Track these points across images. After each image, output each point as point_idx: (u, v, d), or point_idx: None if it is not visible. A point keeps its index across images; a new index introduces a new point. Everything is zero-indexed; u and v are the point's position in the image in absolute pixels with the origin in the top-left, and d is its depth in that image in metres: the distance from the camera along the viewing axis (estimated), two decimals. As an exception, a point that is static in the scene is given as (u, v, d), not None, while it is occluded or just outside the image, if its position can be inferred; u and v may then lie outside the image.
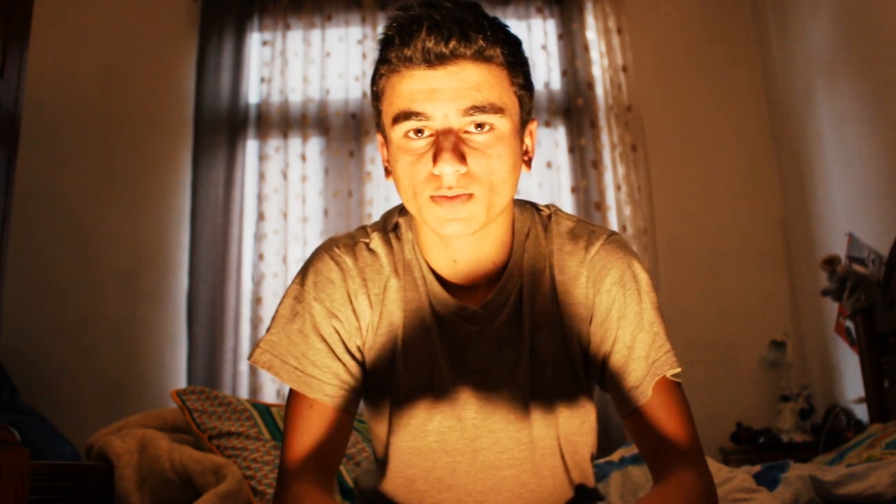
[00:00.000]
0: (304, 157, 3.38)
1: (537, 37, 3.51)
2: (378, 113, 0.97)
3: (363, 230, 1.06)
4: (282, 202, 3.33)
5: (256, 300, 3.22)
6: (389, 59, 0.91)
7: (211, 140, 3.39)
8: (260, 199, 3.34)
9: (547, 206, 1.09)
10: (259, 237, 3.30)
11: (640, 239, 3.28)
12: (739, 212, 3.42)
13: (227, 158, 3.38)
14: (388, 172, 0.99)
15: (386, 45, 0.92)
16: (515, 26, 3.52)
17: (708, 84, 3.53)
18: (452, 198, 0.89)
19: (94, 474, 1.61)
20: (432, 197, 0.90)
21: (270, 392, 3.10)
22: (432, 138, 0.90)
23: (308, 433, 0.96)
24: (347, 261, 1.01)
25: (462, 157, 0.88)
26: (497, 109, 0.89)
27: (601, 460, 1.95)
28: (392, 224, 1.06)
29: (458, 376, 1.00)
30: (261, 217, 3.32)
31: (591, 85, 3.44)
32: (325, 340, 0.99)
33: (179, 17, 3.55)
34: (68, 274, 3.23)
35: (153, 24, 3.54)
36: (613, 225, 3.31)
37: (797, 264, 3.35)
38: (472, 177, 0.89)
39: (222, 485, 1.55)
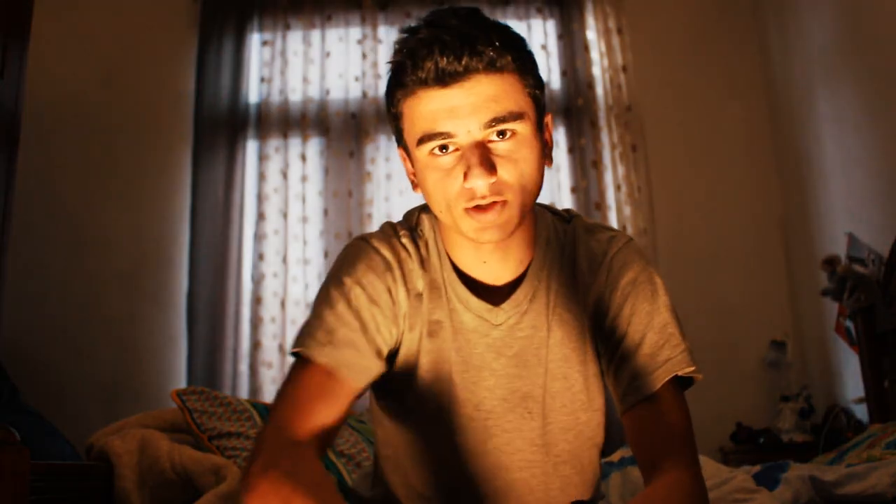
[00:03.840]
0: (304, 158, 3.38)
1: (537, 37, 3.51)
2: (399, 132, 0.99)
3: (391, 227, 1.07)
4: (282, 202, 3.32)
5: (256, 300, 3.22)
6: (404, 82, 0.93)
7: (211, 140, 3.39)
8: (260, 199, 3.34)
9: (566, 210, 1.12)
10: (259, 237, 3.30)
11: (640, 239, 3.28)
12: (739, 212, 3.42)
13: (227, 158, 3.38)
14: (414, 185, 1.02)
15: (398, 69, 0.94)
16: (515, 26, 3.51)
17: (708, 84, 3.53)
18: (486, 207, 0.92)
19: (94, 474, 1.61)
20: (466, 209, 0.93)
21: (270, 392, 3.10)
22: (458, 153, 0.92)
23: (318, 403, 0.92)
24: (387, 254, 1.03)
25: (492, 168, 0.90)
26: (516, 116, 0.92)
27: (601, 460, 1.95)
28: (414, 222, 1.08)
29: (475, 375, 1.02)
30: (261, 217, 3.32)
31: (591, 85, 3.44)
32: (360, 320, 0.96)
33: (179, 17, 3.55)
34: (68, 274, 3.23)
35: (153, 24, 3.53)
36: (613, 225, 3.31)
37: (797, 264, 3.35)
38: (502, 183, 0.92)
39: (222, 485, 1.55)
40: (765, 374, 3.25)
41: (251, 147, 3.44)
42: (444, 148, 0.93)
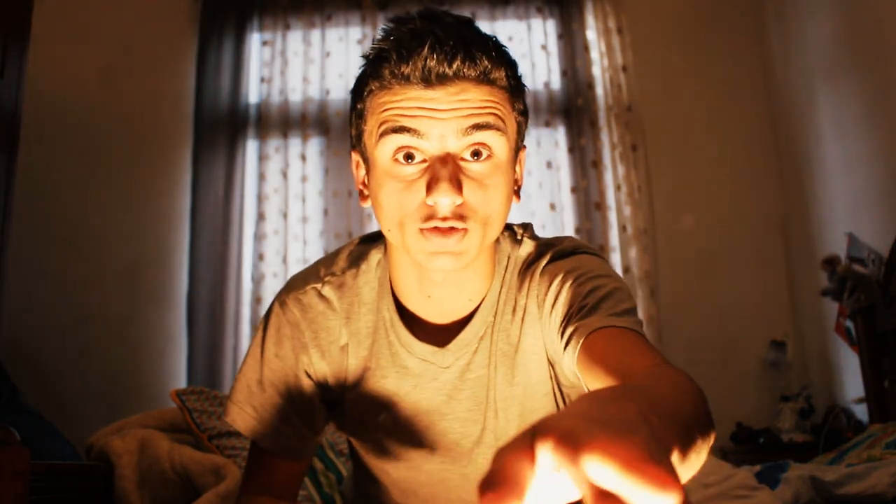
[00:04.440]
0: (304, 157, 3.38)
1: (537, 37, 3.50)
2: (359, 133, 0.89)
3: (317, 270, 1.01)
4: (282, 202, 3.33)
5: (256, 300, 3.22)
6: (382, 74, 0.82)
7: (211, 140, 3.39)
8: (260, 199, 3.34)
9: (522, 226, 1.02)
10: (259, 237, 3.30)
11: (640, 239, 3.28)
12: (739, 212, 3.42)
13: (227, 158, 3.38)
14: (363, 196, 0.92)
15: (379, 59, 0.83)
16: (515, 26, 3.55)
17: (708, 84, 3.53)
18: (445, 231, 0.81)
19: (94, 474, 1.61)
20: (422, 230, 0.82)
21: (270, 392, 3.10)
22: (425, 164, 0.82)
23: (264, 474, 1.00)
24: (296, 315, 0.98)
25: (459, 187, 0.81)
26: (499, 129, 0.83)
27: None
28: (356, 258, 1.00)
29: (425, 419, 0.97)
30: (261, 217, 3.32)
31: (591, 85, 3.44)
32: (284, 396, 0.98)
33: (179, 17, 3.55)
34: (68, 274, 3.23)
35: (153, 24, 3.53)
36: (613, 225, 3.31)
37: (797, 264, 3.35)
38: (467, 209, 0.82)
39: (222, 484, 1.55)
40: (765, 374, 3.25)
41: (251, 147, 3.44)
42: (409, 157, 0.82)
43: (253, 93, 3.50)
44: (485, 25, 3.47)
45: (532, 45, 3.47)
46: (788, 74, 3.35)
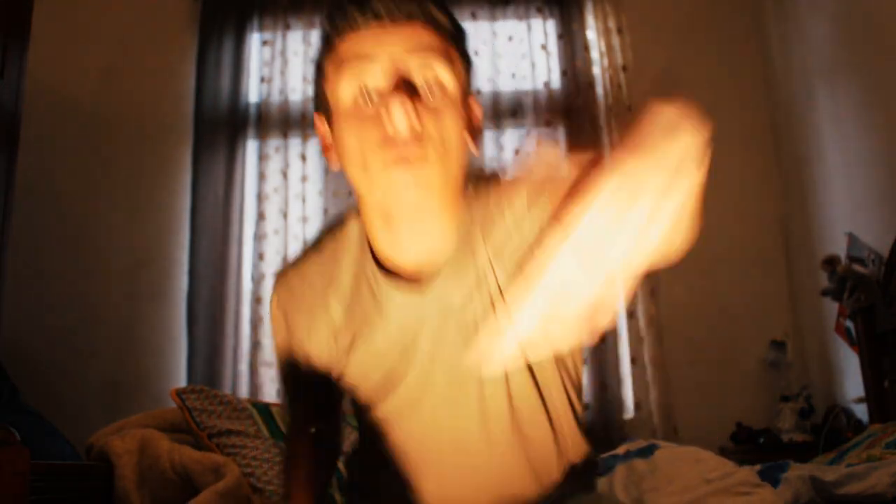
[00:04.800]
0: (303, 157, 3.38)
1: (537, 37, 3.50)
2: (320, 91, 0.95)
3: (297, 254, 1.09)
4: (282, 202, 3.32)
5: (256, 300, 3.22)
6: (337, 26, 0.91)
7: (211, 140, 3.39)
8: (260, 198, 3.33)
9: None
10: (259, 237, 3.30)
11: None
12: (739, 212, 3.42)
13: (227, 158, 3.37)
14: (326, 149, 0.97)
15: (335, 16, 0.91)
16: (515, 26, 3.54)
17: (708, 84, 3.53)
18: (406, 159, 0.85)
19: (94, 474, 1.61)
20: (385, 163, 0.86)
21: (270, 392, 3.10)
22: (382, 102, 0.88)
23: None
24: (283, 295, 1.05)
25: (414, 107, 0.85)
26: (447, 58, 0.89)
27: (606, 454, 1.97)
28: (333, 227, 1.06)
29: (423, 362, 0.99)
30: (261, 217, 3.31)
31: (591, 85, 3.44)
32: (289, 367, 1.07)
33: (179, 17, 3.54)
34: (68, 273, 3.23)
35: (153, 24, 3.53)
36: (613, 225, 3.31)
37: (797, 264, 3.35)
38: (426, 137, 0.87)
39: (221, 482, 1.55)
40: (765, 374, 3.25)
41: (251, 147, 3.44)
42: (367, 99, 0.88)
43: (253, 93, 3.50)
44: (485, 25, 3.48)
45: (532, 45, 3.47)
46: (789, 74, 3.35)
